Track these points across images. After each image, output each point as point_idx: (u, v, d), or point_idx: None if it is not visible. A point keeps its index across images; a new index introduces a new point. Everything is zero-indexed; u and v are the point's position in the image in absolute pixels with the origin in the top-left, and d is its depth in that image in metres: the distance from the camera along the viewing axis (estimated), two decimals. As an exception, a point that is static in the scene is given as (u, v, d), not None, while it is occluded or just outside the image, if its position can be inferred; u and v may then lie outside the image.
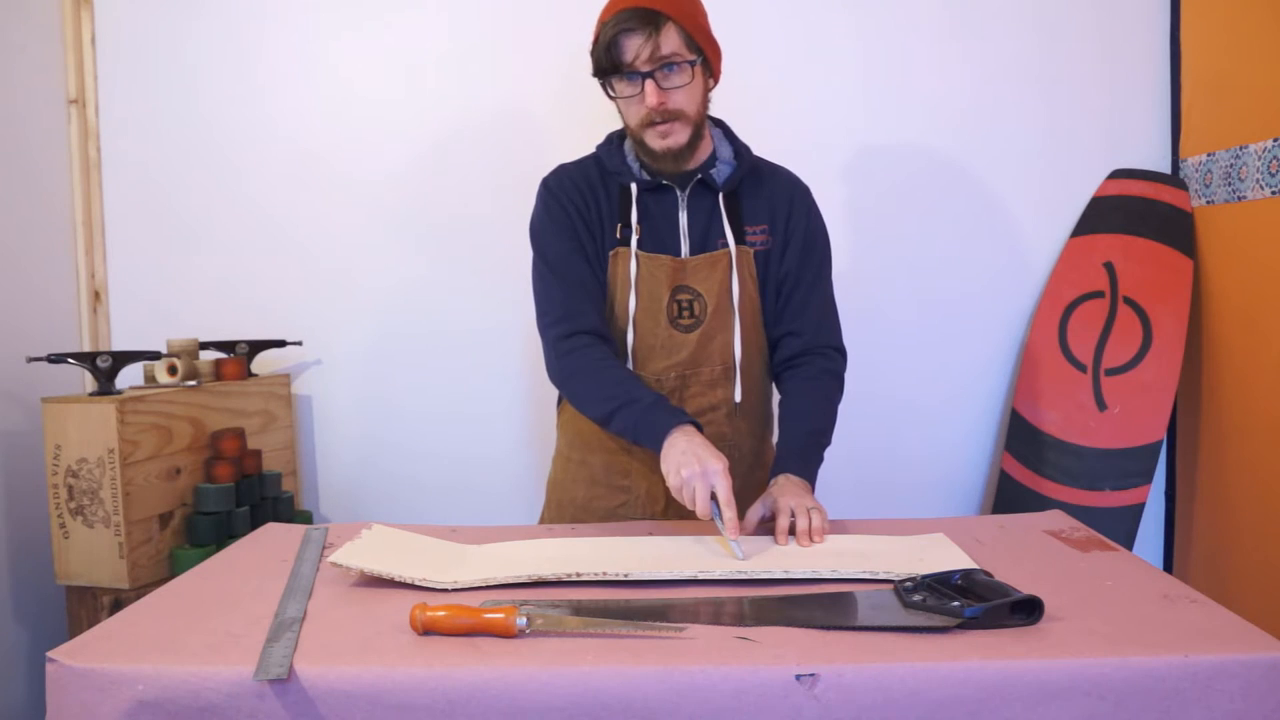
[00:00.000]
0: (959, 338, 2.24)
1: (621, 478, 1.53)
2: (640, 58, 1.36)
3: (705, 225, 1.49)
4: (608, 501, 1.54)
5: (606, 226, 1.49)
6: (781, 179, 1.56)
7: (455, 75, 2.24)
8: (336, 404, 2.32)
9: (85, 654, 0.91)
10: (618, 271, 1.48)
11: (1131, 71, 2.17)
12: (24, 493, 1.99)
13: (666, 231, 1.49)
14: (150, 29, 2.26)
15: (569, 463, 1.59)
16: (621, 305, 1.48)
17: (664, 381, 1.48)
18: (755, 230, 1.51)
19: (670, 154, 1.43)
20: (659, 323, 1.47)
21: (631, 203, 1.48)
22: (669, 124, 1.40)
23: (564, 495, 1.59)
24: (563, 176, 1.53)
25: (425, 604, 0.97)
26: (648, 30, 1.34)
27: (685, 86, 1.39)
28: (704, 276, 1.48)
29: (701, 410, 1.50)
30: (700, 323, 1.48)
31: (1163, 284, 2.08)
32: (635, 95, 1.39)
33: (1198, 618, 0.98)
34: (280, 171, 2.27)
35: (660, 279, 1.47)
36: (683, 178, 1.48)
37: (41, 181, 2.16)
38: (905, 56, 2.20)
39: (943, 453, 2.27)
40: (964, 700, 0.86)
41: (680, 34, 1.37)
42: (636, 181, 1.48)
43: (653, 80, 1.37)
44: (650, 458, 1.40)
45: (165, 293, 2.29)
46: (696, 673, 0.87)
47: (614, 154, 1.51)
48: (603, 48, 1.38)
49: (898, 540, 1.27)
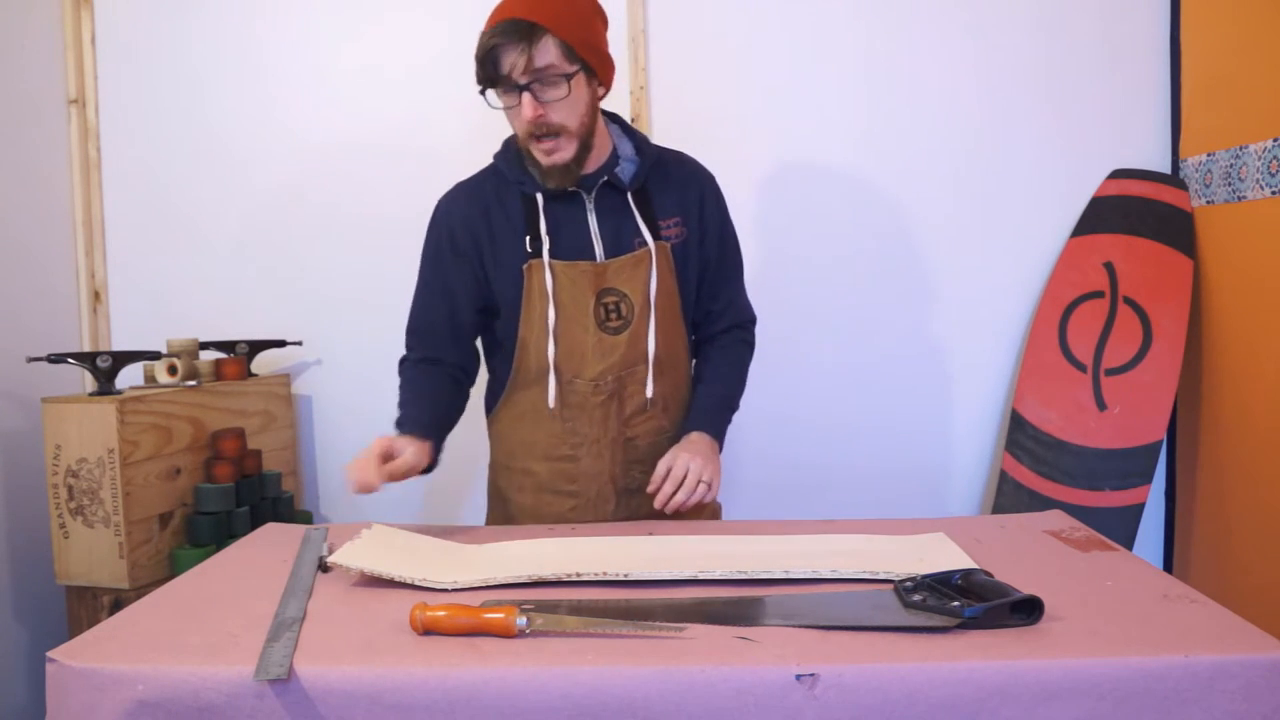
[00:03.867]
0: (959, 338, 2.24)
1: (568, 483, 1.53)
2: (516, 69, 1.34)
3: (617, 225, 1.48)
4: (557, 507, 1.54)
5: (511, 240, 1.47)
6: (687, 169, 1.56)
7: (455, 74, 2.23)
8: (336, 404, 2.32)
9: (85, 654, 0.91)
10: (534, 283, 1.46)
11: (1131, 71, 2.17)
12: (24, 493, 1.99)
13: (578, 237, 1.47)
14: (150, 29, 2.26)
15: (510, 472, 1.58)
16: (541, 317, 1.47)
17: (602, 385, 1.48)
18: (669, 224, 1.51)
19: (557, 170, 1.41)
20: (587, 329, 1.47)
21: (539, 213, 1.46)
22: (553, 140, 1.39)
23: (510, 505, 1.59)
24: (456, 199, 1.53)
25: (425, 604, 0.96)
26: (522, 44, 1.32)
27: (563, 99, 1.36)
28: (627, 277, 1.48)
29: (640, 408, 1.51)
30: (629, 323, 1.48)
31: (1163, 284, 2.08)
32: (514, 107, 1.38)
33: (1198, 618, 0.98)
34: (281, 171, 2.27)
35: (583, 285, 1.46)
36: (587, 180, 1.47)
37: (41, 181, 2.16)
38: (906, 57, 2.20)
39: (943, 453, 2.27)
40: (964, 700, 0.86)
41: (558, 46, 1.34)
42: (541, 191, 1.46)
43: (529, 93, 1.35)
44: (595, 462, 1.50)
45: (165, 293, 2.29)
46: (696, 673, 0.87)
47: (513, 163, 1.49)
48: (479, 59, 1.36)
49: (898, 540, 1.27)
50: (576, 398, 1.49)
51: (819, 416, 2.27)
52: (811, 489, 2.27)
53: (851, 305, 2.24)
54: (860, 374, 2.24)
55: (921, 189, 2.22)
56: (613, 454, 1.51)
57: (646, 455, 1.51)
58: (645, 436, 1.53)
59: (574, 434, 1.50)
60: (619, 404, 1.50)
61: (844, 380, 2.24)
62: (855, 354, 2.22)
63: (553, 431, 1.51)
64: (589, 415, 1.49)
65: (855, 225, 2.23)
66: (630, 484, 1.54)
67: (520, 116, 1.37)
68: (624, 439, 1.51)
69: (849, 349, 2.22)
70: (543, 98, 1.35)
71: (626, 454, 1.52)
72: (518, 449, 1.56)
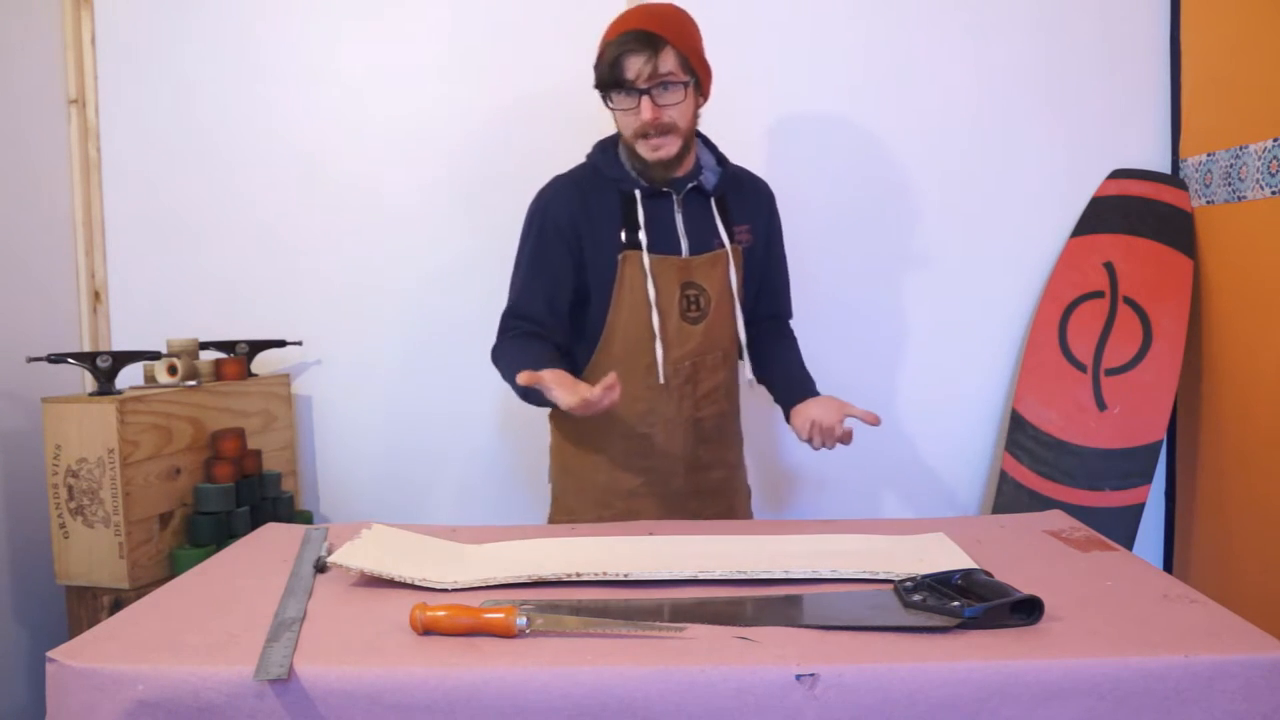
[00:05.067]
0: (959, 338, 2.24)
1: (643, 459, 1.65)
2: (640, 76, 1.50)
3: (700, 226, 1.64)
4: (629, 482, 1.65)
5: (607, 231, 1.61)
6: (756, 184, 1.75)
7: (455, 76, 2.24)
8: (336, 404, 2.31)
9: (85, 654, 0.91)
10: (628, 272, 1.60)
11: (1131, 71, 2.17)
12: (24, 493, 1.99)
13: (667, 233, 1.62)
14: (150, 29, 2.26)
15: (584, 452, 1.69)
16: (635, 299, 1.60)
17: (681, 368, 1.63)
18: (741, 230, 1.68)
19: (661, 164, 1.57)
20: (671, 316, 1.61)
21: (637, 207, 1.61)
22: (662, 137, 1.55)
23: (581, 482, 1.69)
24: (558, 189, 1.66)
25: (425, 604, 0.97)
26: (648, 52, 1.49)
27: (679, 104, 1.53)
28: (706, 273, 1.63)
29: (709, 391, 1.67)
30: (705, 315, 1.63)
31: (1163, 284, 2.08)
32: (632, 109, 1.53)
33: (1198, 618, 0.98)
34: (281, 171, 2.27)
35: (670, 277, 1.61)
36: (676, 183, 1.62)
37: (41, 181, 2.16)
38: (906, 57, 2.20)
39: (943, 453, 2.27)
40: (964, 700, 0.86)
41: (677, 57, 1.51)
42: (639, 188, 1.61)
43: (649, 97, 1.51)
44: (666, 438, 1.64)
45: (165, 293, 2.29)
46: (696, 673, 0.87)
47: (612, 162, 1.65)
48: (606, 65, 1.52)
49: (898, 540, 1.27)
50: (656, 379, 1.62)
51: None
52: (811, 489, 2.27)
53: (851, 305, 2.24)
54: (860, 374, 2.24)
55: (921, 189, 2.22)
56: (684, 433, 1.65)
57: (712, 435, 1.68)
58: (711, 419, 1.68)
59: (653, 413, 1.63)
60: (693, 387, 1.64)
61: (843, 380, 2.23)
62: (855, 354, 2.22)
63: (634, 411, 1.62)
64: (668, 395, 1.63)
65: (855, 224, 2.23)
66: (696, 462, 1.67)
67: (638, 117, 1.52)
68: (695, 419, 1.65)
69: (848, 349, 2.22)
70: (660, 101, 1.52)
71: (696, 433, 1.66)
72: (592, 430, 1.65)
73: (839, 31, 2.20)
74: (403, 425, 2.30)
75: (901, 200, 2.23)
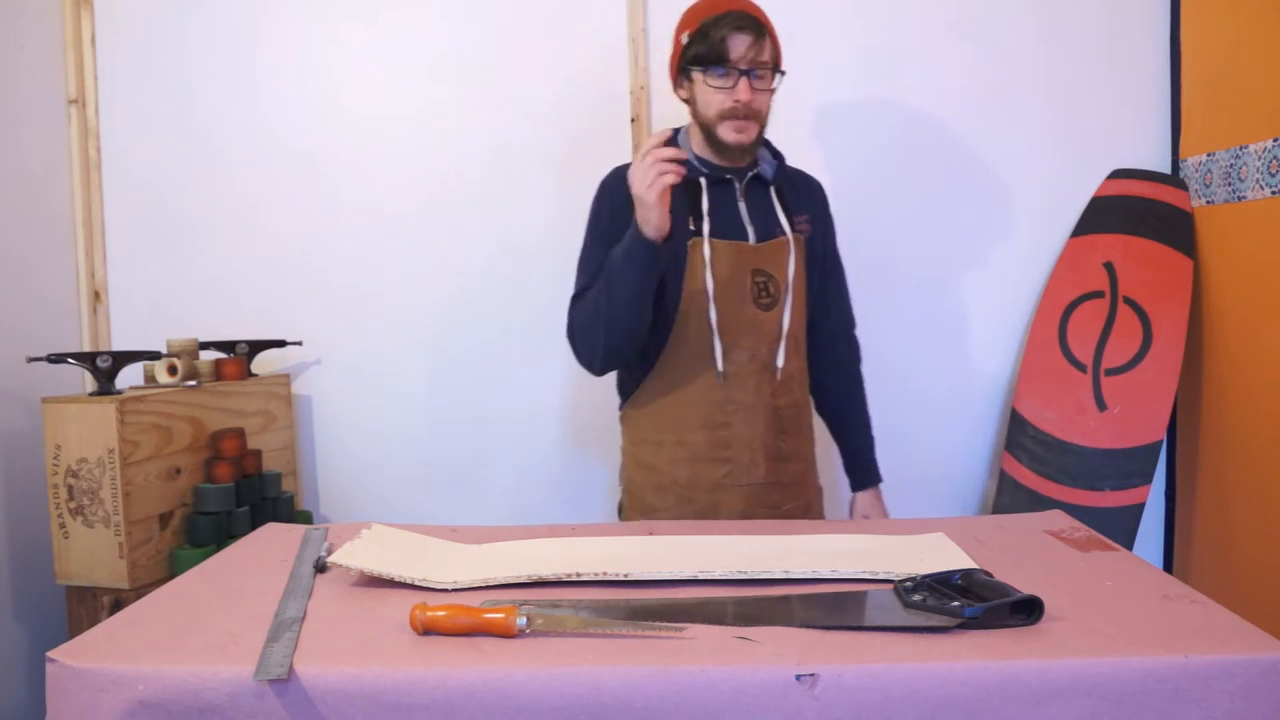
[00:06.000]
0: (959, 338, 2.24)
1: (722, 450, 1.61)
2: (744, 58, 1.52)
3: (764, 215, 1.64)
4: (711, 475, 1.62)
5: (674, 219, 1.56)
6: (810, 181, 1.76)
7: (454, 77, 2.24)
8: (336, 404, 2.31)
9: (85, 654, 0.91)
10: (696, 258, 1.59)
11: (1131, 71, 2.17)
12: (24, 493, 1.99)
13: (732, 221, 1.62)
14: (150, 29, 2.26)
15: (662, 446, 1.65)
16: (703, 288, 1.58)
17: (758, 354, 1.61)
18: (801, 220, 1.68)
19: (740, 147, 1.58)
20: (745, 303, 1.60)
21: (702, 195, 1.61)
22: (748, 121, 1.55)
23: (662, 478, 1.65)
24: (619, 178, 1.62)
25: (425, 604, 0.96)
26: (754, 36, 1.51)
27: (769, 92, 1.57)
28: (772, 259, 1.63)
29: (785, 379, 1.64)
30: (776, 301, 1.62)
31: (1163, 284, 2.08)
32: (726, 88, 1.53)
33: (1198, 618, 0.98)
34: (281, 171, 2.27)
35: (740, 263, 1.60)
36: (739, 172, 1.63)
37: (41, 181, 2.16)
38: (906, 56, 2.20)
39: (943, 453, 2.27)
40: (964, 700, 0.86)
41: (773, 48, 1.56)
42: (705, 176, 1.61)
43: (748, 79, 1.52)
44: (746, 428, 1.60)
45: (165, 293, 2.29)
46: (696, 673, 0.87)
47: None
48: (714, 40, 1.52)
49: (898, 540, 1.27)
50: (734, 367, 1.60)
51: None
52: (811, 489, 2.26)
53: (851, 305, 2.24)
54: (860, 374, 2.24)
55: (921, 189, 2.22)
56: (765, 421, 1.62)
57: (790, 425, 1.66)
58: (789, 409, 1.65)
59: (731, 401, 1.60)
60: (770, 374, 1.62)
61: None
62: (855, 354, 2.22)
63: (711, 400, 1.60)
64: (744, 384, 1.60)
65: (854, 225, 2.22)
66: (777, 452, 1.64)
67: (732, 96, 1.53)
68: (773, 407, 1.62)
69: (849, 349, 2.22)
70: (757, 86, 1.54)
71: (775, 423, 1.63)
72: (670, 423, 1.63)
73: (838, 31, 2.20)
74: (403, 425, 2.30)
75: (901, 200, 2.23)
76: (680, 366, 1.61)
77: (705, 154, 1.62)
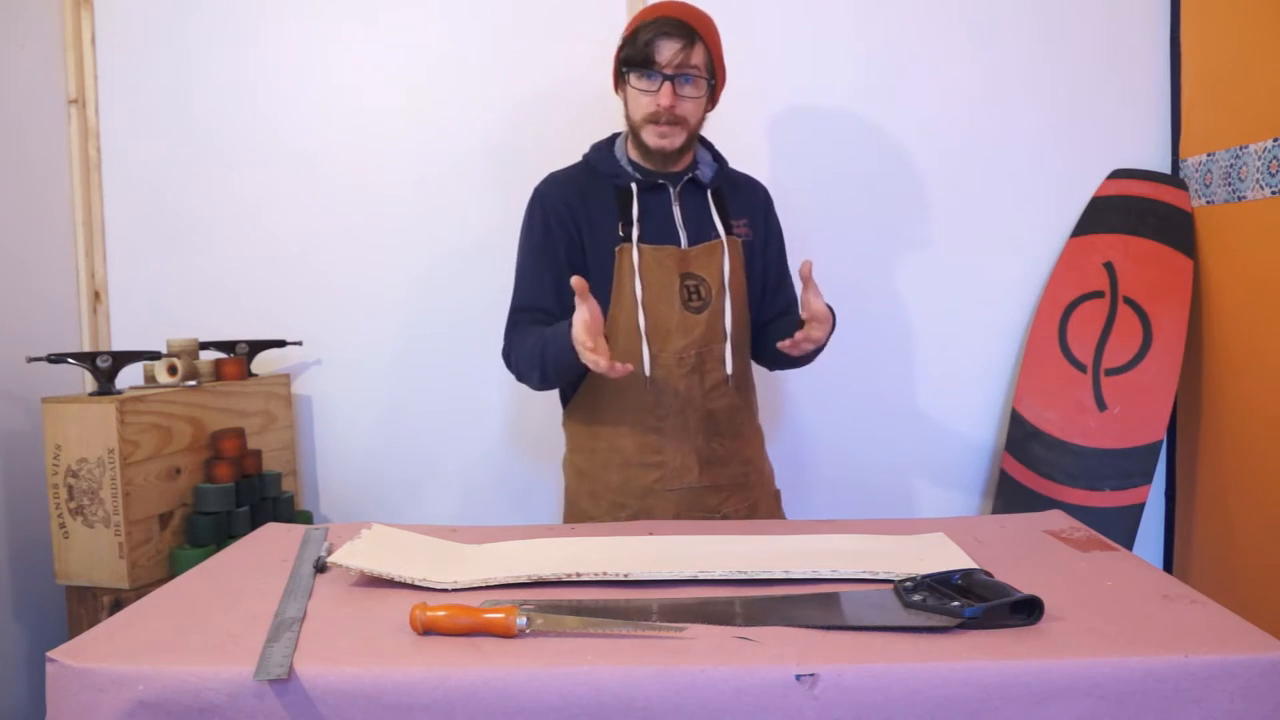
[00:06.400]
0: (959, 338, 2.24)
1: (654, 454, 1.62)
2: (670, 62, 1.52)
3: (698, 219, 1.65)
4: (643, 480, 1.63)
5: (605, 225, 1.62)
6: (753, 184, 1.77)
7: (454, 76, 2.24)
8: (336, 404, 2.31)
9: (85, 654, 0.91)
10: (624, 264, 1.60)
11: (1131, 71, 2.17)
12: (24, 493, 1.99)
13: (664, 225, 1.63)
14: (150, 29, 2.26)
15: (595, 453, 1.66)
16: (631, 293, 1.59)
17: (686, 358, 1.61)
18: (739, 224, 1.69)
19: (662, 153, 1.59)
20: (673, 306, 1.61)
21: (632, 201, 1.62)
22: (671, 127, 1.56)
23: (595, 485, 1.66)
24: (553, 185, 1.67)
25: (425, 604, 0.97)
26: (683, 41, 1.52)
27: (696, 99, 1.57)
28: (705, 263, 1.63)
29: (717, 384, 1.64)
30: (708, 304, 1.62)
31: (1163, 284, 2.08)
32: (650, 91, 1.54)
33: (1198, 618, 0.98)
34: (280, 171, 2.27)
35: (669, 267, 1.61)
36: (674, 176, 1.64)
37: (41, 181, 2.16)
38: (906, 57, 2.20)
39: (943, 453, 2.27)
40: (964, 700, 0.86)
41: (705, 55, 1.55)
42: (635, 181, 1.62)
43: (671, 84, 1.53)
44: (677, 431, 1.61)
45: (165, 293, 2.29)
46: (696, 673, 0.87)
47: (607, 158, 1.67)
48: (640, 43, 1.53)
49: (898, 540, 1.27)
50: (662, 370, 1.60)
51: (818, 417, 2.27)
52: (812, 489, 2.27)
53: (850, 305, 2.23)
54: (860, 374, 2.24)
55: (921, 189, 2.22)
56: (696, 425, 1.62)
57: (725, 429, 1.65)
58: (723, 411, 1.65)
59: (660, 405, 1.61)
60: (700, 377, 1.62)
61: (844, 380, 2.24)
62: (855, 354, 2.22)
63: (640, 404, 1.61)
64: (674, 387, 1.61)
65: (854, 225, 2.23)
66: (711, 455, 1.64)
67: (655, 100, 1.54)
68: (705, 410, 1.62)
69: (848, 349, 2.22)
70: (681, 92, 1.54)
71: (708, 426, 1.63)
72: (603, 428, 1.65)
73: (838, 31, 2.20)
74: (403, 425, 2.30)
75: (901, 200, 2.23)
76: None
77: (638, 158, 1.63)
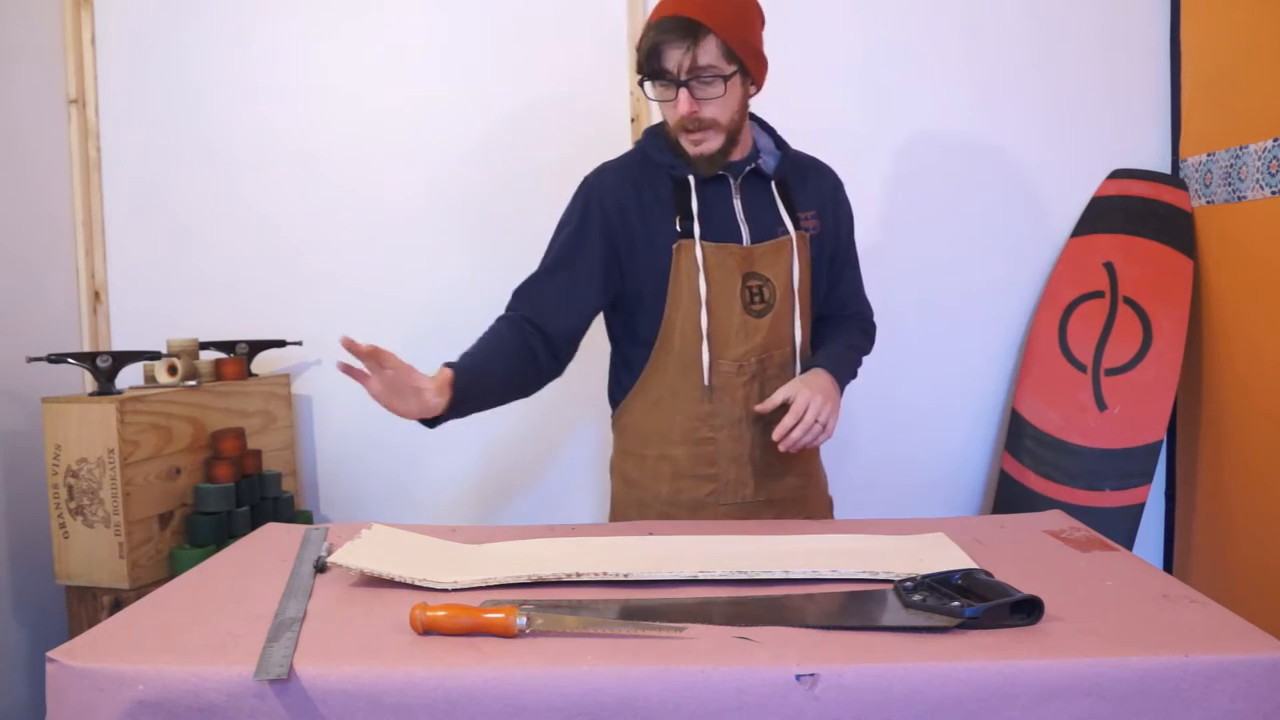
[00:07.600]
0: (959, 338, 2.24)
1: (708, 466, 1.53)
2: (680, 68, 1.40)
3: (761, 213, 1.53)
4: (695, 492, 1.53)
5: (660, 220, 1.51)
6: (820, 167, 1.64)
7: (454, 77, 2.24)
8: (336, 404, 2.31)
9: (85, 654, 0.91)
10: (682, 262, 1.49)
11: (1131, 71, 2.17)
12: (24, 493, 1.99)
13: (725, 221, 1.51)
14: (150, 29, 2.26)
15: (645, 460, 1.57)
16: (692, 293, 1.49)
17: (746, 366, 1.51)
18: (807, 216, 1.56)
19: (703, 159, 1.47)
20: (733, 310, 1.50)
21: (690, 194, 1.50)
22: (702, 132, 1.45)
23: (644, 494, 1.57)
24: (605, 176, 1.55)
25: (425, 604, 0.96)
26: (687, 42, 1.38)
27: (719, 98, 1.42)
28: (770, 262, 1.52)
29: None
30: (771, 308, 1.51)
31: (1163, 284, 2.08)
32: (670, 100, 1.44)
33: (1198, 618, 0.98)
34: (280, 171, 2.27)
35: (730, 267, 1.50)
36: (733, 167, 1.52)
37: (41, 181, 2.16)
38: (904, 56, 2.20)
39: (943, 453, 2.27)
40: (964, 700, 0.86)
41: (719, 46, 1.40)
42: (692, 174, 1.51)
43: (687, 89, 1.41)
44: (733, 443, 1.50)
45: (165, 293, 2.29)
46: (696, 673, 0.87)
47: (662, 148, 1.53)
48: (644, 53, 1.42)
49: (898, 540, 1.27)
50: (720, 378, 1.50)
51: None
52: (811, 489, 2.26)
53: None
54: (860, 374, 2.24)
55: (921, 189, 2.22)
56: (753, 436, 1.52)
57: None
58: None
59: (716, 415, 1.51)
60: (760, 386, 1.52)
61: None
62: (855, 354, 2.22)
63: (695, 414, 1.51)
64: (731, 396, 1.50)
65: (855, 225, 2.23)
66: (769, 469, 1.54)
67: (675, 110, 1.43)
68: (765, 422, 1.50)
69: (849, 349, 2.22)
70: (699, 95, 1.41)
71: (765, 437, 1.50)
72: (653, 435, 1.55)
73: (837, 32, 2.20)
74: (403, 425, 2.28)
75: (901, 200, 2.22)
76: (664, 377, 1.53)
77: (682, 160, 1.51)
